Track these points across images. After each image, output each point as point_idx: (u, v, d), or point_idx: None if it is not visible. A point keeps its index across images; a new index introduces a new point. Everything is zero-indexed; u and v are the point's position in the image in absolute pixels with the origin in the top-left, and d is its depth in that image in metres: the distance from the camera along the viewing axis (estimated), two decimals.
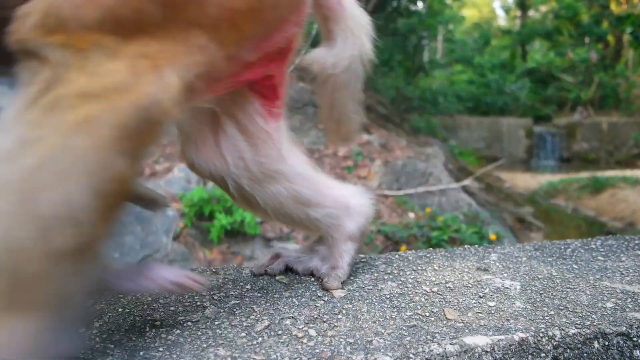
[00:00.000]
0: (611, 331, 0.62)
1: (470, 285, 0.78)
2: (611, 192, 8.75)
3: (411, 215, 4.12)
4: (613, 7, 22.18)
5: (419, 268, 0.86)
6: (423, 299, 0.72)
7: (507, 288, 0.77)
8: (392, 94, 17.58)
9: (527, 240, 6.23)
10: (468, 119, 18.90)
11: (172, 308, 0.68)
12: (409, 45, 17.47)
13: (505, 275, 0.83)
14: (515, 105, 20.45)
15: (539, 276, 0.82)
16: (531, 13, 25.53)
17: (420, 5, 14.32)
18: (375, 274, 0.84)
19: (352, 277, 0.83)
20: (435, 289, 0.77)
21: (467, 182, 4.36)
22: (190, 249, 4.18)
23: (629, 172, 11.39)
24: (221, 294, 0.74)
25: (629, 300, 0.72)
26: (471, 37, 25.63)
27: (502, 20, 32.59)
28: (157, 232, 4.26)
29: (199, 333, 0.60)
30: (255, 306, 0.69)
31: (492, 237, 3.69)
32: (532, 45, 24.14)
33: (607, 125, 18.65)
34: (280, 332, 0.60)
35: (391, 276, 0.82)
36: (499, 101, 19.62)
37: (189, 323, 0.63)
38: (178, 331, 0.61)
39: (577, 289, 0.77)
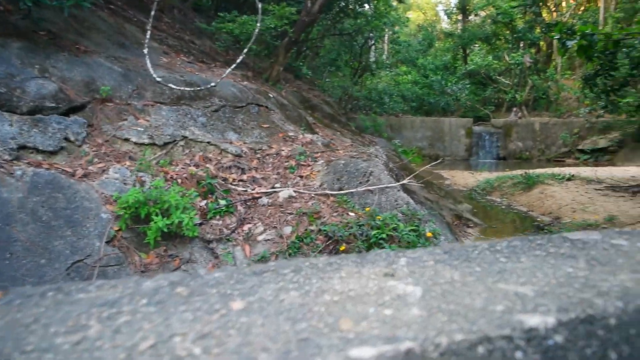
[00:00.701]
0: (495, 335, 0.64)
1: (372, 293, 0.79)
2: (541, 189, 9.24)
3: (352, 214, 4.17)
4: (545, 14, 23.46)
5: (327, 276, 0.86)
6: (322, 309, 0.72)
7: (407, 294, 0.78)
8: (339, 93, 17.77)
9: (465, 236, 6.47)
10: (412, 118, 19.41)
11: (53, 329, 0.64)
12: (356, 46, 17.70)
13: (410, 280, 0.84)
14: (456, 106, 21.21)
15: (441, 281, 0.84)
16: (472, 17, 26.52)
17: (366, 6, 14.50)
18: (281, 283, 0.82)
19: (256, 287, 0.81)
20: (336, 298, 0.76)
21: (406, 181, 4.46)
22: (125, 253, 4.02)
23: (557, 169, 12.10)
24: (112, 310, 0.71)
25: (519, 302, 0.75)
26: (416, 39, 26.30)
27: (445, 24, 33.69)
28: (89, 235, 4.07)
29: (74, 356, 0.57)
30: (146, 323, 0.66)
31: (429, 234, 3.78)
32: (473, 48, 25.09)
33: (539, 125, 19.70)
34: (163, 351, 0.58)
35: (296, 285, 0.82)
36: (442, 101, 20.28)
37: (66, 346, 0.60)
38: (50, 355, 0.57)
39: (474, 293, 0.79)
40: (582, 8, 24.60)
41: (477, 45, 24.76)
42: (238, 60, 5.93)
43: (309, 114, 9.34)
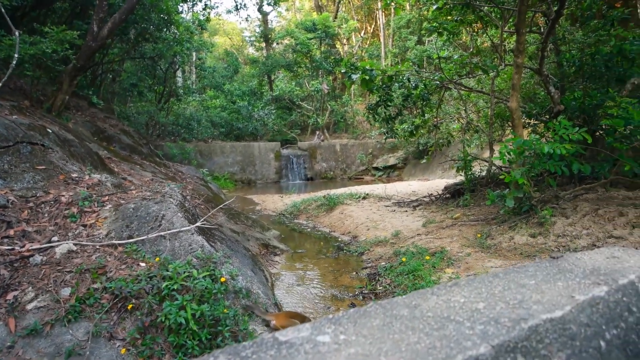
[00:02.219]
0: None
1: None
2: (341, 209, 10.05)
3: (142, 264, 3.86)
4: (338, 45, 26.00)
5: None
6: None
7: None
8: (144, 119, 16.79)
9: (271, 265, 6.60)
10: (222, 143, 19.40)
11: None
12: (159, 70, 17.01)
13: None
14: (264, 130, 21.93)
15: None
16: (275, 45, 27.89)
17: (167, 31, 14.03)
18: None
19: None
20: None
21: (199, 223, 4.32)
22: None
23: (355, 188, 13.34)
24: None
25: None
26: (222, 64, 26.49)
27: (251, 49, 34.72)
28: None
29: None
30: None
31: (222, 279, 3.71)
32: (277, 75, 26.35)
33: (340, 146, 21.62)
34: None
35: None
36: (250, 126, 20.73)
37: None
38: None
39: None
40: (368, 42, 27.95)
41: (280, 72, 26.08)
42: None
43: (103, 147, 8.55)
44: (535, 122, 8.10)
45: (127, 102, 17.72)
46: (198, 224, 4.29)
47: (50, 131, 5.91)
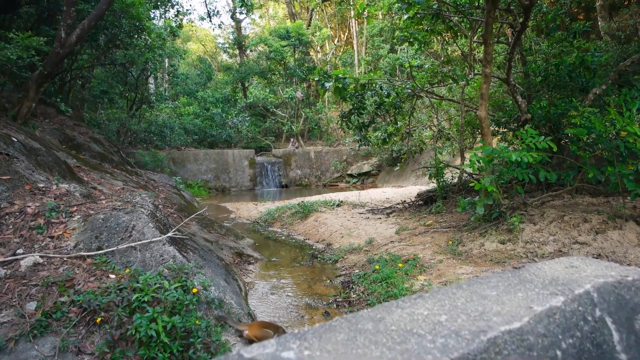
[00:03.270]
0: None
1: None
2: (315, 216, 10.06)
3: (112, 276, 3.78)
4: (312, 53, 26.13)
5: None
6: None
7: None
8: (116, 127, 16.50)
9: (245, 274, 6.56)
10: (195, 151, 19.21)
11: None
12: (131, 77, 16.77)
13: None
14: (238, 137, 21.82)
15: None
16: (249, 52, 27.84)
17: (138, 37, 13.85)
18: None
19: None
20: None
21: (170, 234, 4.27)
22: None
23: (330, 195, 13.40)
24: None
25: None
26: (195, 71, 26.27)
27: (225, 56, 34.54)
28: None
29: None
30: None
31: (194, 290, 3.67)
32: (251, 82, 26.29)
33: (314, 153, 21.67)
34: None
35: None
36: (224, 134, 20.59)
37: None
38: None
39: None
40: (341, 50, 28.17)
41: (254, 79, 26.03)
42: None
43: (72, 155, 8.36)
44: (504, 130, 8.31)
45: (98, 109, 17.39)
46: (169, 234, 4.24)
47: (16, 140, 5.76)
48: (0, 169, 4.96)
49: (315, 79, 8.91)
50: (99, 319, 3.35)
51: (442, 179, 8.94)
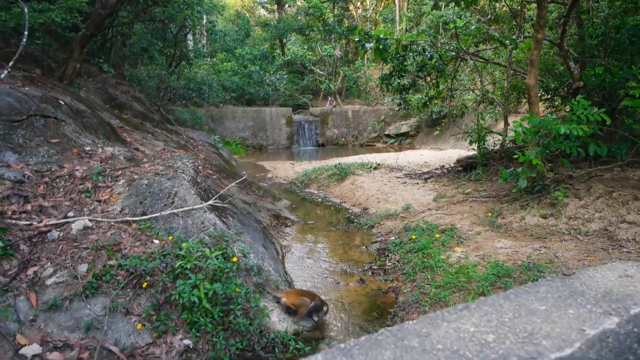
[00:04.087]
0: None
1: None
2: (352, 179, 10.05)
3: (156, 242, 3.93)
4: (352, 8, 25.33)
5: None
6: None
7: None
8: (155, 83, 16.71)
9: (282, 237, 6.69)
10: (233, 109, 19.30)
11: None
12: (170, 34, 16.78)
13: None
14: (276, 95, 21.74)
15: None
16: (287, 7, 27.25)
17: None
18: None
19: None
20: None
21: (211, 201, 4.36)
22: None
23: (367, 157, 13.30)
24: None
25: None
26: (235, 26, 25.99)
27: (263, 11, 33.96)
28: None
29: None
30: None
31: (234, 259, 3.78)
32: (289, 38, 25.87)
33: (352, 113, 21.41)
34: None
35: None
36: (261, 91, 20.53)
37: None
38: None
39: None
40: (382, 5, 27.19)
41: (293, 35, 25.60)
42: (11, 63, 5.07)
43: (115, 115, 8.56)
44: (553, 97, 7.92)
45: (138, 65, 17.59)
46: (210, 202, 4.34)
47: (63, 102, 5.92)
48: (50, 133, 5.13)
49: (356, 39, 8.66)
50: (145, 284, 3.52)
51: (483, 145, 8.69)
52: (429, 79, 10.15)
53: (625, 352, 1.16)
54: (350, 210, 8.37)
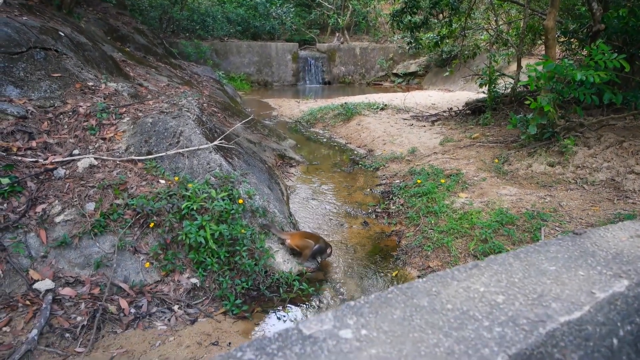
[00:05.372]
0: None
1: None
2: (358, 120, 9.93)
3: (162, 181, 3.93)
4: None
5: None
6: None
7: None
8: (157, 14, 16.13)
9: (287, 177, 6.71)
10: (238, 43, 18.75)
11: None
12: None
13: None
14: (282, 29, 21.03)
15: None
16: None
17: None
18: None
19: None
20: None
21: (217, 142, 4.32)
22: None
23: (373, 97, 13.07)
24: None
25: None
26: None
27: None
28: None
29: None
30: None
31: (240, 201, 3.80)
32: None
33: (360, 50, 20.80)
34: None
35: None
36: (267, 25, 19.85)
37: None
38: None
39: None
40: None
41: None
42: None
43: (117, 48, 8.34)
44: (570, 39, 7.61)
45: None
46: (216, 142, 4.30)
47: (63, 34, 5.74)
48: (51, 66, 5.01)
49: None
50: (152, 224, 3.56)
51: (493, 89, 8.49)
52: (441, 16, 9.76)
53: (632, 314, 1.16)
54: (355, 152, 8.33)
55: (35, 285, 3.01)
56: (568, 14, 8.02)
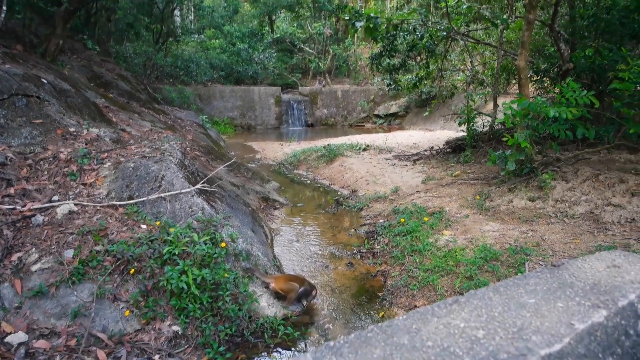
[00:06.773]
0: None
1: None
2: (341, 161, 10.02)
3: (143, 226, 3.89)
4: None
5: None
6: None
7: None
8: (141, 61, 16.38)
9: (271, 220, 6.67)
10: (222, 87, 19.03)
11: None
12: (156, 9, 16.40)
13: None
14: (265, 74, 21.46)
15: None
16: None
17: None
18: None
19: None
20: None
21: (199, 185, 4.31)
22: None
23: (356, 138, 13.25)
24: None
25: None
26: (223, 2, 25.45)
27: None
28: None
29: None
30: None
31: (223, 245, 3.75)
32: (279, 15, 25.40)
33: (341, 92, 21.25)
34: None
35: None
36: (250, 70, 20.25)
37: None
38: None
39: None
40: None
41: (282, 12, 25.14)
42: None
43: (100, 94, 8.39)
44: (543, 78, 7.90)
45: (124, 42, 17.21)
46: (198, 186, 4.29)
47: (46, 81, 5.77)
48: (33, 113, 5.01)
49: (346, 17, 8.56)
50: (132, 270, 3.48)
51: (472, 127, 8.69)
52: (419, 59, 10.07)
53: (613, 345, 1.16)
54: (339, 193, 8.36)
55: (7, 339, 2.89)
56: (539, 54, 8.36)
